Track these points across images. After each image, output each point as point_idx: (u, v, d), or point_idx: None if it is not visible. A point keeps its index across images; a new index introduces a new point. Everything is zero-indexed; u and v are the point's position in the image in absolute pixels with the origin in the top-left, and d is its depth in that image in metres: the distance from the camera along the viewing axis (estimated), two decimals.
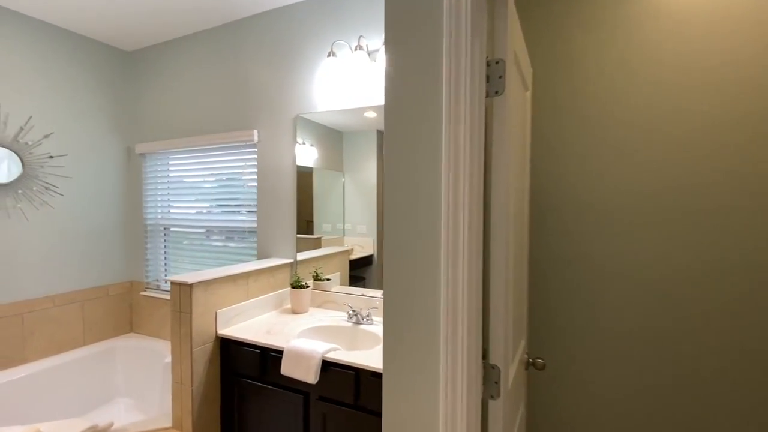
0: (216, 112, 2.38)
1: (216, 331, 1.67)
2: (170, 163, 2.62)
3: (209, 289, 1.63)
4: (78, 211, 2.45)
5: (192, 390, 1.56)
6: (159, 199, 2.66)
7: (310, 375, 1.38)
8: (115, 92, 2.65)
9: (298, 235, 2.13)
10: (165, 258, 2.67)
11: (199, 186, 2.51)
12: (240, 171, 2.33)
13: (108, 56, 2.60)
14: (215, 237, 2.47)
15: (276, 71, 2.17)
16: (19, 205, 2.18)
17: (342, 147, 2.00)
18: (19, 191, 2.19)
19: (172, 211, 2.64)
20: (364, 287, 1.95)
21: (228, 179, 2.38)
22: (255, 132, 2.21)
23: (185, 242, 2.60)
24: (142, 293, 2.67)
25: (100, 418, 2.28)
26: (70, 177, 2.41)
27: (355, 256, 1.98)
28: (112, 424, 1.55)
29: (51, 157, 2.32)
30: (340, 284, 2.01)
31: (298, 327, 1.72)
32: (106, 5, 2.12)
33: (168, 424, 1.61)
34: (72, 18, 2.26)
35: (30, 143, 2.22)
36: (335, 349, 1.44)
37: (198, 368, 1.59)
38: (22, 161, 2.18)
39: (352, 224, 1.98)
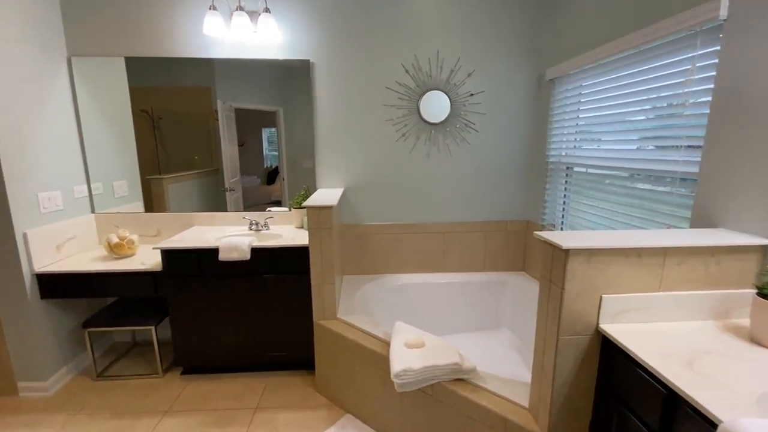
0: None
1: (597, 324, 1.16)
2: (582, 85, 2.11)
3: (594, 261, 1.11)
4: (488, 147, 2.55)
5: (552, 385, 1.19)
6: (565, 133, 2.27)
7: None
8: (528, 13, 2.39)
9: None
10: (564, 202, 2.33)
11: (614, 114, 1.87)
12: (678, 82, 1.45)
13: None
14: (622, 183, 1.80)
15: None
16: (446, 141, 2.53)
17: None
18: (447, 129, 2.51)
19: (577, 147, 2.18)
20: None
21: (656, 98, 1.57)
22: (722, 3, 1.24)
23: (587, 186, 2.10)
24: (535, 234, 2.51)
25: (488, 341, 2.46)
26: (484, 113, 2.50)
27: None
28: (473, 369, 1.50)
29: (471, 94, 2.47)
30: None
31: (758, 385, 0.86)
32: None
33: (524, 402, 1.36)
34: None
35: (456, 84, 2.45)
36: None
37: (564, 362, 1.17)
38: (450, 101, 2.45)
39: None
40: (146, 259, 2.20)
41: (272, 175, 2.63)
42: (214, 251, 2.06)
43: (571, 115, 2.20)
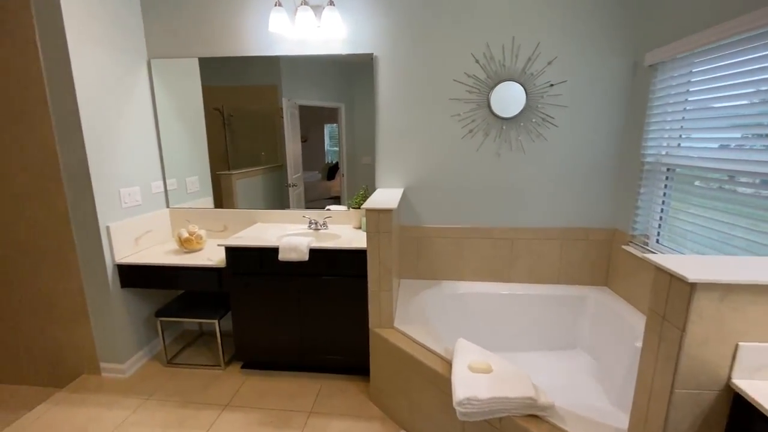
0: None
1: (728, 378, 0.90)
2: (693, 72, 1.75)
3: (731, 300, 0.86)
4: (569, 144, 2.25)
5: None
6: (667, 128, 1.92)
7: None
8: None
9: None
10: (662, 209, 1.98)
11: (737, 107, 1.51)
12: None
13: None
14: (745, 190, 1.44)
15: None
16: (519, 138, 2.28)
17: None
18: (521, 124, 2.26)
19: (682, 145, 1.83)
20: None
21: None
22: None
23: (696, 192, 1.75)
24: (624, 246, 2.18)
25: (560, 363, 2.20)
26: (565, 106, 2.21)
27: None
28: (551, 406, 1.29)
29: (551, 85, 2.19)
30: None
31: None
32: None
33: None
34: None
35: (534, 73, 2.18)
36: None
37: (678, 420, 0.94)
38: (526, 93, 2.19)
39: None
40: (213, 254, 2.26)
41: (332, 171, 2.61)
42: (275, 250, 2.05)
43: (677, 107, 1.84)
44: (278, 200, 2.55)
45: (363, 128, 2.38)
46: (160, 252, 2.30)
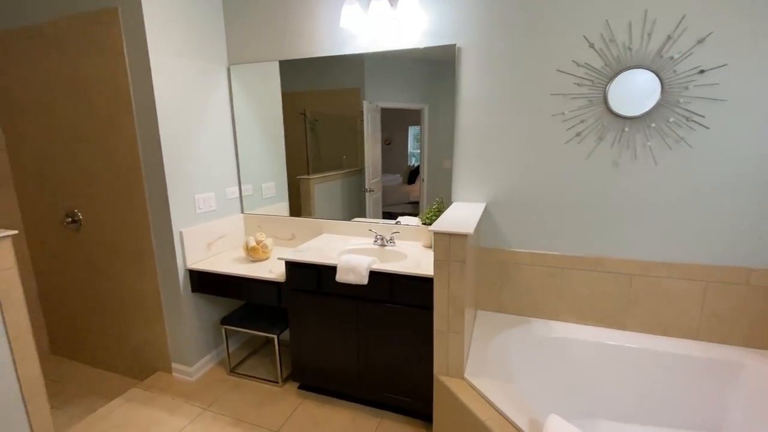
0: None
1: None
2: None
3: None
4: (726, 152, 1.63)
5: None
6: None
7: None
8: None
9: None
10: None
11: None
12: None
13: None
14: None
15: None
16: (649, 143, 1.72)
17: None
18: (652, 125, 1.70)
19: None
20: None
21: None
22: None
23: None
24: None
25: None
26: (722, 100, 1.60)
27: None
28: None
29: (701, 71, 1.60)
30: None
31: None
32: None
33: None
34: None
35: (675, 57, 1.62)
36: None
37: None
38: (661, 83, 1.64)
39: None
40: (276, 266, 2.16)
41: (413, 174, 2.42)
42: (333, 268, 1.85)
43: None
44: (355, 205, 2.39)
45: (446, 131, 2.08)
46: (228, 259, 2.28)
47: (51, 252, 2.46)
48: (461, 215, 1.70)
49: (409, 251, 2.03)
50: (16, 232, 1.53)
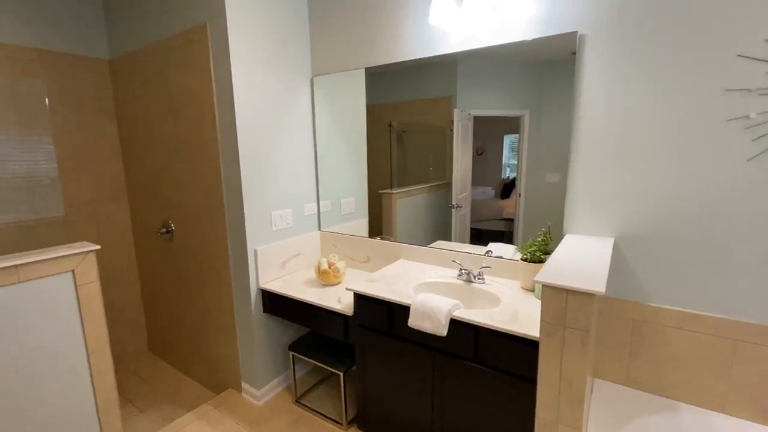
0: None
1: None
2: None
3: None
4: None
5: None
6: None
7: None
8: None
9: None
10: None
11: None
12: None
13: None
14: None
15: None
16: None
17: None
18: None
19: None
20: None
21: None
22: None
23: None
24: None
25: None
26: None
27: None
28: None
29: None
30: None
31: None
32: None
33: None
34: None
35: None
36: None
37: None
38: None
39: None
40: (346, 294, 1.94)
41: (508, 188, 2.06)
42: (407, 308, 1.55)
43: None
44: (440, 221, 2.09)
45: (552, 139, 1.65)
46: (301, 280, 2.14)
47: (152, 258, 2.63)
48: (581, 257, 1.25)
49: (502, 293, 1.62)
50: (99, 247, 1.56)
